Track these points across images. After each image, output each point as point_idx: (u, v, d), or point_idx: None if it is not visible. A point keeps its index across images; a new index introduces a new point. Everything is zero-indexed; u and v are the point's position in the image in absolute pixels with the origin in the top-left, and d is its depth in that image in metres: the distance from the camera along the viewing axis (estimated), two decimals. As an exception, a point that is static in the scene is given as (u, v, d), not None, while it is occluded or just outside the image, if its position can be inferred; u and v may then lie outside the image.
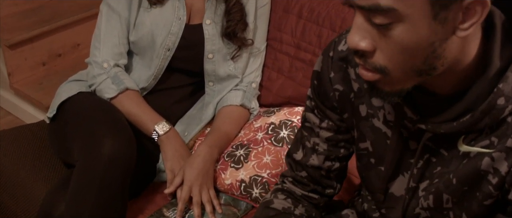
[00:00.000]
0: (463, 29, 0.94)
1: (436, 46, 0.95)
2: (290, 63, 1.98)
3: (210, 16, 1.91)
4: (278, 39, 2.00)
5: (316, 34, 1.91)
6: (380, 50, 0.97)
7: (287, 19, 1.99)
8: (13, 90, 3.14)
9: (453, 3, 0.91)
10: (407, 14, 0.91)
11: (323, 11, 1.91)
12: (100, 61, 1.92)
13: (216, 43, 1.92)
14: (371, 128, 1.21)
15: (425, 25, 0.93)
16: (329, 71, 1.24)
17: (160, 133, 1.84)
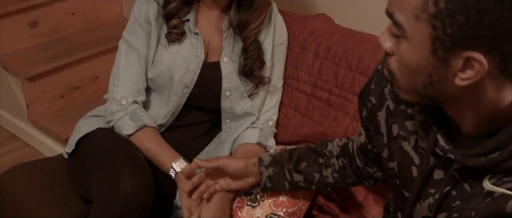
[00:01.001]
0: (462, 78, 0.97)
1: (434, 80, 1.00)
2: (307, 101, 1.99)
3: (227, 54, 1.93)
4: (295, 77, 2.01)
5: (333, 73, 1.92)
6: (395, 57, 1.04)
7: (304, 57, 2.00)
8: (31, 122, 3.16)
9: (452, 48, 0.94)
10: (411, 36, 0.97)
11: (340, 50, 1.92)
12: (119, 98, 1.93)
13: (234, 81, 1.93)
14: (400, 150, 1.25)
15: (423, 55, 0.98)
16: (371, 82, 1.32)
17: (178, 170, 1.84)
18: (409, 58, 1.00)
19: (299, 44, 2.02)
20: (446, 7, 0.92)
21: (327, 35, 1.98)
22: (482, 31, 0.91)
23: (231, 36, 1.93)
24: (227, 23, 1.92)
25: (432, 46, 0.96)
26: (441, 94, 1.03)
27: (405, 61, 1.01)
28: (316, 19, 2.09)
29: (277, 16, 2.00)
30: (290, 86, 2.03)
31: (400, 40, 1.00)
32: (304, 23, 2.06)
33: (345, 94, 1.89)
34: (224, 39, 1.93)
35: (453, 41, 0.94)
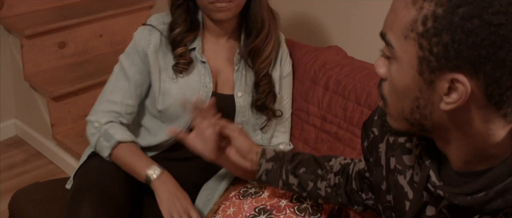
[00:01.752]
0: (446, 102, 0.97)
1: (421, 104, 1.00)
2: (316, 134, 1.99)
3: (241, 88, 1.92)
4: (305, 110, 2.02)
5: (342, 107, 1.92)
6: (387, 81, 1.05)
7: (314, 90, 2.00)
8: (55, 141, 3.22)
9: (438, 69, 0.95)
10: (400, 56, 0.99)
11: (349, 84, 1.91)
12: (93, 120, 1.94)
13: (246, 115, 1.93)
14: (395, 183, 1.25)
15: (410, 75, 0.98)
16: (375, 113, 1.34)
17: (153, 177, 1.82)
18: (397, 80, 1.01)
19: (310, 77, 2.02)
20: (433, 26, 0.93)
21: (338, 68, 1.98)
22: (467, 52, 0.91)
23: (243, 68, 1.93)
24: (238, 56, 1.92)
25: (419, 67, 0.97)
26: (428, 121, 1.02)
27: (395, 83, 1.02)
28: (328, 51, 2.09)
29: (282, 46, 2.00)
30: (300, 118, 2.03)
31: (391, 62, 1.01)
32: (316, 55, 2.06)
33: (353, 129, 1.88)
34: (235, 72, 1.93)
35: (438, 61, 0.94)
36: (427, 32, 0.94)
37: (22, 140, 3.57)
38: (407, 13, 0.96)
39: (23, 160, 3.40)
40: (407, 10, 0.96)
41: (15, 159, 3.40)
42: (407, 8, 0.96)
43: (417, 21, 0.95)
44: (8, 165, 3.35)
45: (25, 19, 3.26)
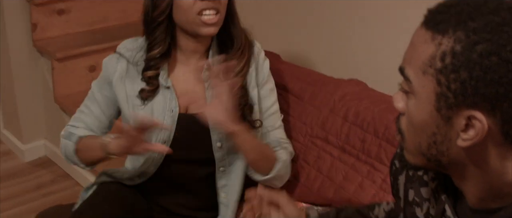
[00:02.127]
0: (463, 139, 0.96)
1: (437, 139, 0.99)
2: (332, 163, 1.98)
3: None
4: (323, 138, 2.01)
5: (360, 139, 1.92)
6: (405, 116, 1.04)
7: (334, 120, 2.00)
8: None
9: (456, 106, 0.95)
10: (418, 92, 0.98)
11: (368, 116, 1.91)
12: (61, 133, 2.03)
13: (222, 132, 1.87)
14: (412, 215, 1.24)
15: (427, 111, 0.98)
16: (398, 146, 1.31)
17: (107, 140, 1.83)
18: (415, 115, 1.00)
19: (329, 107, 2.02)
20: (451, 63, 0.93)
21: (357, 100, 1.98)
22: (484, 89, 0.91)
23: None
24: (206, 73, 1.84)
25: (437, 103, 0.96)
26: (444, 157, 1.01)
27: (412, 118, 1.01)
28: (349, 83, 2.09)
29: (260, 55, 1.97)
30: (316, 146, 2.03)
31: (409, 97, 1.01)
32: (336, 86, 2.07)
33: (372, 162, 1.87)
34: (207, 89, 1.89)
35: (456, 98, 0.94)
36: (445, 69, 0.94)
37: (50, 161, 3.61)
38: (426, 48, 0.96)
39: (50, 180, 3.44)
40: (426, 45, 0.96)
41: (43, 179, 3.45)
42: (426, 43, 0.96)
43: (435, 57, 0.95)
44: (36, 184, 3.40)
45: (56, 42, 3.32)
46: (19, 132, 3.61)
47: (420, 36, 0.98)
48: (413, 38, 1.00)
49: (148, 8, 1.86)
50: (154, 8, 1.84)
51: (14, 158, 3.66)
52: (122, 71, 1.93)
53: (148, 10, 1.86)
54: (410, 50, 1.01)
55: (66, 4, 3.37)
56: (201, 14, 1.80)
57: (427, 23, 0.98)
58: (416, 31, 1.00)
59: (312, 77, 2.16)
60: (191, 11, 1.80)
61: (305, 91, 2.11)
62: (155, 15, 1.84)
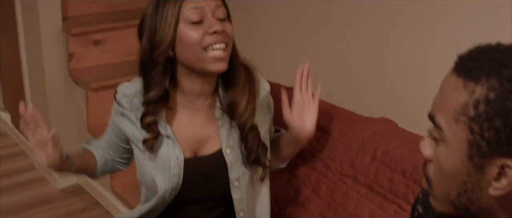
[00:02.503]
0: (495, 188, 0.95)
1: (468, 188, 0.98)
2: (358, 201, 1.97)
3: (229, 144, 1.86)
4: (352, 176, 2.01)
5: (388, 178, 1.91)
6: (433, 163, 1.03)
7: (363, 158, 2.00)
8: (113, 192, 3.29)
9: (489, 154, 0.94)
10: (449, 140, 0.97)
11: (397, 156, 1.90)
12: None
13: (240, 170, 1.87)
14: None
15: (459, 159, 0.97)
16: (421, 192, 1.31)
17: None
18: (445, 163, 0.99)
19: (358, 144, 2.02)
20: (485, 111, 0.92)
21: (387, 139, 1.97)
22: None
23: (228, 123, 1.86)
24: (219, 111, 1.85)
25: (469, 151, 0.95)
26: (474, 205, 1.01)
27: (442, 166, 1.00)
28: (379, 122, 2.09)
29: (262, 85, 1.95)
30: (345, 183, 2.02)
31: (439, 144, 1.00)
32: (366, 124, 2.07)
33: (399, 202, 1.86)
34: (221, 128, 1.86)
35: (489, 146, 0.93)
36: (479, 117, 0.93)
37: (82, 189, 3.66)
38: (458, 96, 0.95)
39: (82, 208, 3.48)
40: (457, 93, 0.95)
41: (74, 206, 3.49)
42: (458, 91, 0.95)
43: (468, 105, 0.94)
44: (67, 212, 3.44)
45: (92, 72, 3.38)
46: (53, 159, 3.66)
47: (451, 83, 0.97)
48: (444, 85, 0.99)
49: (147, 47, 1.75)
50: (155, 47, 1.73)
51: (47, 184, 3.72)
52: (125, 120, 1.91)
53: (147, 49, 1.75)
54: (440, 97, 1.00)
55: (103, 35, 3.44)
56: (208, 50, 1.72)
57: (458, 69, 0.97)
58: (447, 78, 0.99)
59: (342, 115, 2.17)
60: (198, 47, 1.72)
61: (334, 128, 2.11)
62: (155, 56, 1.74)
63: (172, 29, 1.72)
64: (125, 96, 1.89)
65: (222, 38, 1.73)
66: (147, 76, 1.79)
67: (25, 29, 3.54)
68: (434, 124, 1.00)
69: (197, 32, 1.72)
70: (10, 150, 4.18)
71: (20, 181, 3.75)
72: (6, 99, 4.56)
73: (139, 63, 1.81)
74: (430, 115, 1.01)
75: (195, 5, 1.72)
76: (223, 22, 1.75)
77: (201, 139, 1.88)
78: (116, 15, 3.57)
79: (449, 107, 0.96)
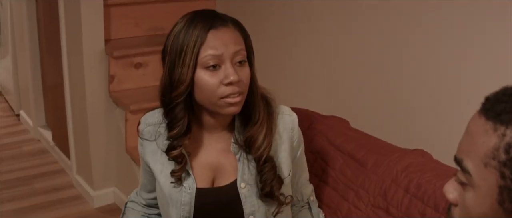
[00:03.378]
0: None
1: None
2: (390, 234, 1.98)
3: (244, 178, 1.85)
4: (385, 208, 2.01)
5: (420, 212, 1.90)
6: (459, 207, 1.01)
7: (395, 190, 1.99)
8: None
9: None
10: (478, 185, 0.95)
11: (430, 189, 1.90)
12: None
13: (255, 204, 1.85)
14: None
15: (488, 204, 0.95)
16: None
17: None
18: (474, 208, 0.97)
19: (392, 177, 2.02)
20: None
21: (420, 172, 1.96)
22: None
23: (244, 157, 1.84)
24: (235, 146, 1.85)
25: (499, 197, 0.93)
26: None
27: (470, 211, 0.98)
28: (414, 153, 2.08)
29: (292, 124, 1.92)
30: (377, 215, 2.02)
31: (466, 188, 0.98)
32: (401, 156, 2.06)
33: (431, 236, 1.86)
34: (238, 162, 1.85)
35: None
36: (510, 161, 0.91)
37: (119, 208, 3.69)
38: (487, 139, 0.93)
39: (117, 228, 3.52)
40: (487, 136, 0.93)
41: (109, 226, 3.54)
42: (487, 134, 0.93)
43: (499, 149, 0.92)
44: (102, 231, 3.49)
45: (132, 94, 3.44)
46: (91, 178, 3.73)
47: (480, 126, 0.95)
48: (471, 128, 0.97)
49: (165, 88, 1.78)
50: (173, 89, 1.74)
51: (84, 203, 3.78)
52: (150, 150, 1.92)
53: (166, 90, 1.78)
54: (467, 140, 0.97)
55: (144, 58, 3.50)
56: (223, 98, 1.73)
57: (487, 112, 0.95)
58: (474, 120, 0.97)
59: (377, 145, 2.17)
60: (214, 95, 1.72)
61: (369, 159, 2.11)
62: (174, 96, 1.75)
63: (190, 73, 1.72)
64: (149, 125, 1.92)
65: (238, 89, 1.73)
66: (169, 114, 1.81)
67: (68, 50, 3.62)
68: (461, 168, 0.98)
69: (213, 78, 1.71)
70: (50, 167, 4.26)
71: (58, 198, 3.82)
72: (48, 117, 4.66)
73: (160, 101, 1.83)
74: (457, 158, 0.98)
75: (213, 52, 1.70)
76: (241, 67, 1.75)
77: (217, 169, 1.88)
78: (157, 39, 3.62)
79: (478, 151, 0.94)
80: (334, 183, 2.18)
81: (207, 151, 1.88)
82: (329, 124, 2.36)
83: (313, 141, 2.26)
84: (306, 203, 2.08)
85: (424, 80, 2.45)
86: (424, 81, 2.45)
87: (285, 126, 1.90)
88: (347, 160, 2.18)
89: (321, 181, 2.23)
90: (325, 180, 2.23)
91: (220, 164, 1.88)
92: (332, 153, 2.23)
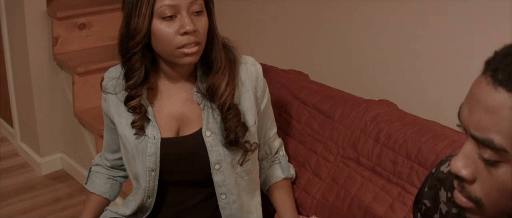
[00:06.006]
0: None
1: None
2: (361, 184, 1.97)
3: (209, 127, 1.86)
4: (355, 159, 2.01)
5: (392, 161, 1.91)
6: (479, 182, 0.96)
7: (365, 141, 1.99)
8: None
9: None
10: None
11: (400, 138, 1.90)
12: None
13: (221, 153, 1.87)
14: None
15: None
16: (425, 185, 1.29)
17: None
18: (510, 182, 0.92)
19: (360, 127, 2.01)
20: None
21: (389, 122, 1.97)
22: None
23: (208, 106, 1.86)
24: (198, 95, 1.86)
25: None
26: None
27: (504, 185, 0.93)
28: (379, 104, 2.08)
29: (256, 73, 1.93)
30: (348, 166, 2.02)
31: (497, 165, 0.93)
32: (367, 107, 2.06)
33: (403, 184, 1.86)
34: (203, 111, 1.87)
35: None
36: None
37: (67, 174, 3.62)
38: None
39: (68, 194, 3.44)
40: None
41: (60, 192, 3.45)
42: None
43: None
44: (53, 198, 3.40)
45: (77, 56, 3.34)
46: (37, 145, 3.62)
47: (501, 100, 0.89)
48: (490, 103, 0.91)
49: (123, 37, 1.79)
50: (130, 39, 1.76)
51: (31, 171, 3.68)
52: (113, 104, 1.92)
53: (124, 39, 1.78)
54: (489, 118, 0.91)
55: (87, 18, 3.39)
56: (179, 48, 1.75)
57: (505, 84, 0.89)
58: (490, 94, 0.91)
59: (342, 97, 2.16)
60: (171, 45, 1.74)
61: (335, 111, 2.10)
62: (131, 46, 1.76)
63: (146, 22, 1.72)
64: (111, 79, 1.92)
65: (194, 39, 1.74)
66: (126, 64, 1.82)
67: (8, 11, 3.47)
68: (494, 149, 0.91)
69: (170, 28, 1.73)
70: (-10, 136, 4.13)
71: (2, 167, 3.70)
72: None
73: (118, 49, 1.83)
74: (481, 139, 0.92)
75: (169, 2, 1.70)
76: (198, 17, 1.75)
77: (182, 119, 1.89)
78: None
79: (511, 127, 0.89)
80: (301, 136, 2.17)
81: (171, 102, 1.89)
82: (290, 78, 2.34)
83: (276, 95, 2.24)
84: (276, 157, 2.08)
85: (379, 30, 2.43)
86: (378, 30, 2.44)
87: (248, 74, 1.91)
88: (313, 112, 2.16)
89: (287, 135, 2.22)
90: (291, 134, 2.21)
91: (184, 114, 1.89)
92: (297, 106, 2.21)
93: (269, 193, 2.09)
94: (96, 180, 2.10)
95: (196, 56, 1.78)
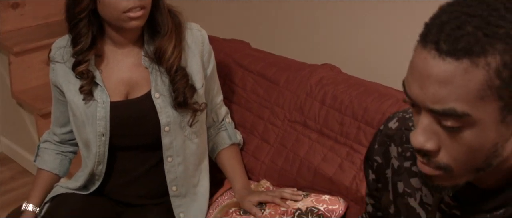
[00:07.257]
0: None
1: (498, 147, 0.96)
2: (309, 146, 2.00)
3: (158, 89, 1.89)
4: (302, 122, 2.03)
5: (339, 122, 1.94)
6: (444, 150, 0.98)
7: (311, 104, 2.02)
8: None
9: None
10: (479, 119, 0.92)
11: (346, 99, 1.94)
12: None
13: (170, 115, 1.89)
14: (406, 206, 1.24)
15: (493, 129, 0.94)
16: (375, 143, 1.31)
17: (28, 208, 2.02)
18: (476, 141, 0.95)
19: (306, 91, 2.04)
20: (510, 74, 0.90)
21: (334, 84, 2.00)
22: None
23: (156, 69, 1.89)
24: (146, 59, 1.90)
25: (501, 117, 0.93)
26: (498, 158, 0.98)
27: (470, 146, 0.96)
28: (323, 68, 2.11)
29: (201, 38, 1.98)
30: (295, 130, 2.05)
31: (461, 130, 0.94)
32: (311, 71, 2.09)
33: (351, 144, 1.90)
34: (151, 74, 1.90)
35: None
36: (504, 82, 0.90)
37: (8, 158, 3.55)
38: (473, 76, 0.90)
39: (9, 177, 3.38)
40: (470, 74, 0.90)
41: (1, 176, 3.38)
42: (468, 72, 0.90)
43: (491, 78, 0.90)
44: (-6, 182, 3.33)
45: (12, 36, 3.25)
46: (-26, 128, 3.53)
47: (452, 69, 0.91)
48: (441, 75, 0.92)
49: (69, 3, 1.83)
50: (76, 5, 1.80)
51: (-31, 155, 3.59)
52: (62, 72, 1.93)
53: (70, 5, 1.83)
54: (445, 89, 0.92)
55: (21, -3, 3.31)
56: (127, 12, 1.78)
57: (453, 53, 0.91)
58: (442, 67, 0.91)
59: (285, 63, 2.18)
60: (117, 9, 1.78)
61: (280, 77, 2.13)
62: (77, 12, 1.80)
63: None
64: (59, 48, 1.94)
65: (139, 3, 1.78)
66: (73, 30, 1.85)
67: None
68: (457, 115, 0.93)
69: None
70: None
71: None
72: None
73: (65, 15, 1.86)
74: (447, 110, 0.93)
75: None
76: None
77: (130, 84, 1.92)
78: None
79: (468, 91, 0.91)
80: (247, 104, 2.18)
81: (119, 67, 1.92)
82: (232, 46, 2.35)
83: (220, 63, 2.24)
84: (222, 125, 2.10)
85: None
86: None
87: (194, 39, 1.95)
88: (257, 79, 2.18)
89: (233, 103, 2.23)
90: (237, 102, 2.23)
91: (133, 78, 1.92)
92: (241, 73, 2.23)
93: (218, 160, 2.11)
94: (45, 156, 2.09)
95: (142, 20, 1.82)
